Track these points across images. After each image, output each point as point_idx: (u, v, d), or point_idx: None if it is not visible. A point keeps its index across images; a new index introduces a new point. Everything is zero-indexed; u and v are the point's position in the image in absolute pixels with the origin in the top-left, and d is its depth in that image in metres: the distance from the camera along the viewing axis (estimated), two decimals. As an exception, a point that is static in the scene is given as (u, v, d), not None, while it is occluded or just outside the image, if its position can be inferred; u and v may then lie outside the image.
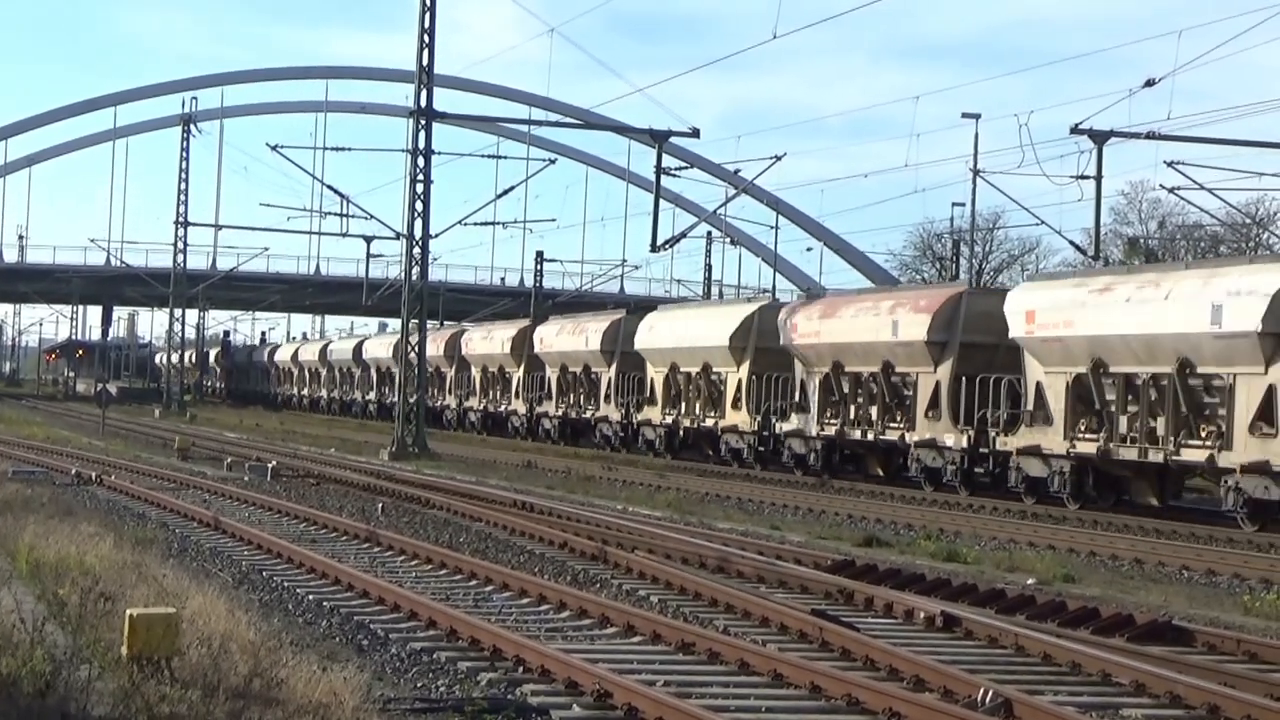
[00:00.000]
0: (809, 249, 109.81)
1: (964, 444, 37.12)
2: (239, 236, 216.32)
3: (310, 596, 17.21)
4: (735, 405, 48.00)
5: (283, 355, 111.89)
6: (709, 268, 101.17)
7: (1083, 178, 43.94)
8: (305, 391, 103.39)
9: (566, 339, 61.90)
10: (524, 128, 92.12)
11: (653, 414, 53.27)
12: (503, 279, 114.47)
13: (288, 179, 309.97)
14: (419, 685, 12.57)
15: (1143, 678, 13.13)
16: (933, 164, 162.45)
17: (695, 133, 49.15)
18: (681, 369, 51.45)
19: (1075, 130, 42.10)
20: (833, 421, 42.65)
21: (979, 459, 37.20)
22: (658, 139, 49.57)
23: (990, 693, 11.86)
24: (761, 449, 46.46)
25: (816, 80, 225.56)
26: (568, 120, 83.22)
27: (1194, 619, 17.31)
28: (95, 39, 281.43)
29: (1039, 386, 34.98)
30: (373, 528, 24.10)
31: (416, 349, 50.95)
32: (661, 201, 51.70)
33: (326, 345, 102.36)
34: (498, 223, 79.65)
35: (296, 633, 14.51)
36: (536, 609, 16.78)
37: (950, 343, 38.38)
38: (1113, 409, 33.08)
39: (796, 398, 44.38)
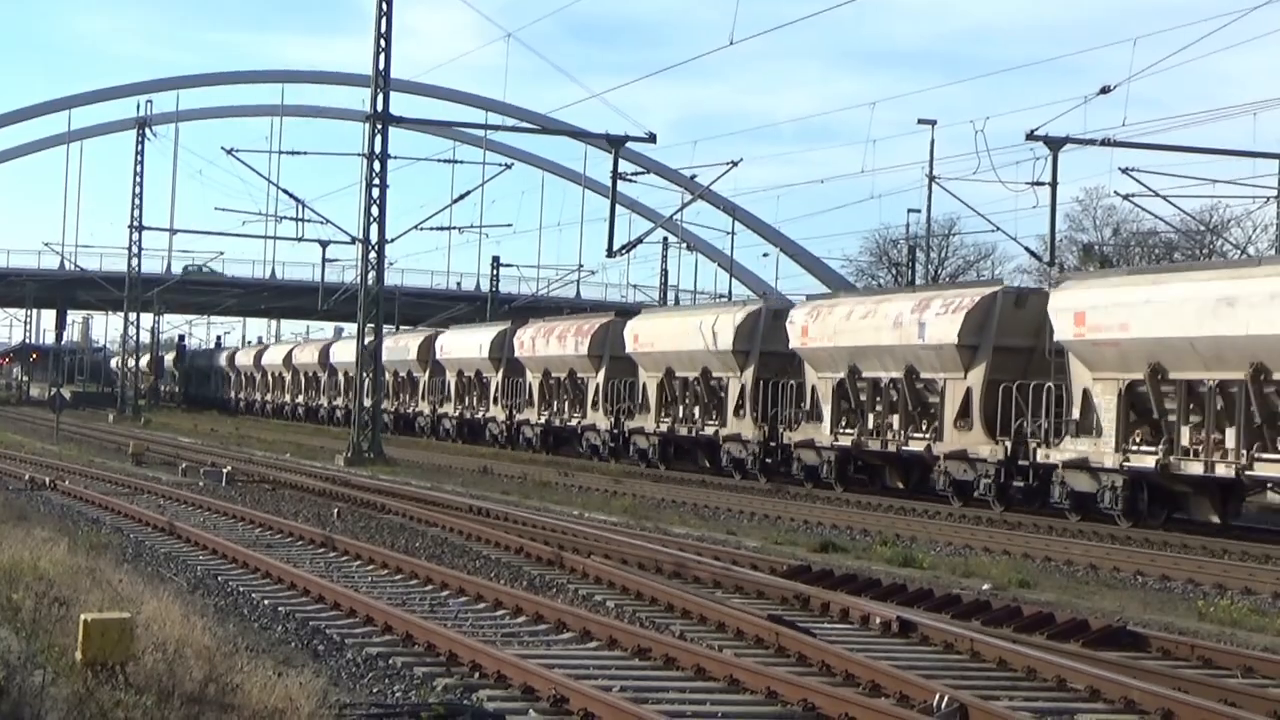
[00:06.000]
0: (765, 254, 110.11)
1: (1000, 456, 34.42)
2: (194, 240, 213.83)
3: (266, 601, 17.15)
4: (738, 413, 45.17)
5: (244, 359, 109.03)
6: (665, 273, 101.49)
7: (1038, 184, 44.08)
8: (269, 397, 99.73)
9: (550, 343, 58.46)
10: (480, 132, 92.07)
11: (645, 422, 50.25)
12: (459, 284, 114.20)
13: (243, 183, 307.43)
14: (375, 691, 12.55)
15: (1098, 683, 13.18)
16: (888, 170, 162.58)
17: (651, 138, 49.22)
18: (678, 374, 48.57)
19: (1031, 136, 42.25)
20: (848, 431, 39.88)
21: (1016, 472, 34.40)
22: (614, 144, 49.70)
23: (946, 698, 11.90)
24: (768, 460, 43.56)
25: (772, 86, 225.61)
26: (524, 125, 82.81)
27: (1149, 624, 17.39)
28: (48, 42, 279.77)
29: (1086, 394, 32.27)
30: (328, 533, 24.04)
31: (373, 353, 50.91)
32: (618, 207, 51.90)
33: (292, 349, 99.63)
34: (454, 227, 79.79)
35: (252, 638, 14.45)
36: (492, 614, 16.76)
37: (983, 346, 35.71)
38: (1172, 419, 30.44)
39: (807, 405, 41.64)
